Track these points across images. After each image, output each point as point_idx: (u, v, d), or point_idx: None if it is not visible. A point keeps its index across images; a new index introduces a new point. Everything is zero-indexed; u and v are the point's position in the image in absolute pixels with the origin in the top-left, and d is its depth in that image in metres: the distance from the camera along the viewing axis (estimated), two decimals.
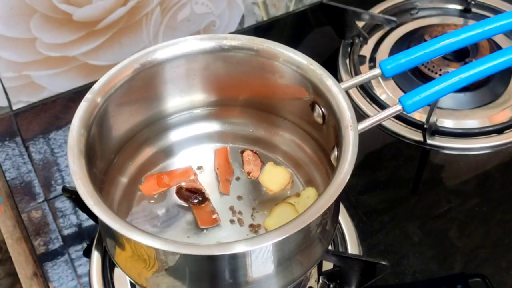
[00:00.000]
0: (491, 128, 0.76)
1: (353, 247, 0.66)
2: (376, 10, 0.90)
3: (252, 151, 0.65)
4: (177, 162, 0.65)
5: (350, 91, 0.80)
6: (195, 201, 0.61)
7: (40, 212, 0.71)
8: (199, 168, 0.65)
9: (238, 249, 0.48)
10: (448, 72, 0.78)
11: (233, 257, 0.50)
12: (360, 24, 0.87)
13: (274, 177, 0.63)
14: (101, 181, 0.59)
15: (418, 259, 0.66)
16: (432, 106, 0.72)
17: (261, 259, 0.51)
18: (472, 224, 0.69)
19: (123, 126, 0.63)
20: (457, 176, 0.74)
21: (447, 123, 0.77)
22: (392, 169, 0.75)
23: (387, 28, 0.89)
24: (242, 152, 0.65)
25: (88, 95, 0.57)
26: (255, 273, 0.52)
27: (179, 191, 0.62)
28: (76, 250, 0.68)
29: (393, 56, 0.60)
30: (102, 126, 0.58)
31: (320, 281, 0.63)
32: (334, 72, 0.84)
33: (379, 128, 0.77)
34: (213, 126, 0.68)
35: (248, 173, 0.64)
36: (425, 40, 0.81)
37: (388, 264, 0.58)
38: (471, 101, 0.79)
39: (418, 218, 0.70)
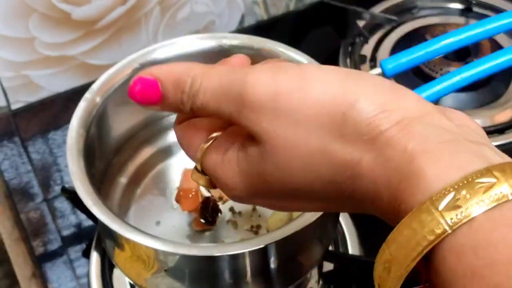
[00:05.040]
0: (492, 128, 0.76)
1: (353, 247, 0.65)
2: (377, 9, 0.89)
3: None
4: (176, 162, 0.65)
5: None
6: (208, 218, 0.59)
7: (39, 213, 0.70)
8: None
9: (237, 249, 0.47)
10: (449, 71, 0.77)
11: (233, 258, 0.50)
12: (361, 23, 0.87)
13: None
14: (100, 181, 0.59)
15: None
16: None
17: (261, 259, 0.51)
18: None
19: (122, 126, 0.63)
20: None
21: None
22: None
23: (388, 28, 0.89)
24: None
25: (87, 95, 0.57)
26: (255, 274, 0.51)
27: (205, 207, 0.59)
28: (75, 251, 0.67)
29: (394, 56, 0.60)
30: (101, 126, 0.58)
31: (321, 281, 0.63)
32: None
33: None
34: None
35: (220, 198, 0.61)
36: (426, 40, 0.80)
37: None
38: (472, 101, 0.79)
39: None
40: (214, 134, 0.34)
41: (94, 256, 0.65)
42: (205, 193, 0.61)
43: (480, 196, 0.26)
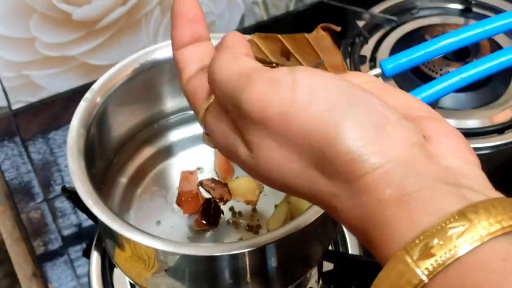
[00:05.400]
0: (492, 128, 0.76)
1: (353, 247, 0.65)
2: (377, 9, 0.89)
3: (207, 179, 0.61)
4: (177, 162, 0.65)
5: None
6: (210, 219, 0.59)
7: (40, 212, 0.70)
8: (199, 168, 0.65)
9: (237, 249, 0.47)
10: (448, 71, 0.77)
11: (233, 258, 0.50)
12: (361, 23, 0.87)
13: (245, 188, 0.61)
14: (101, 181, 0.59)
15: None
16: (433, 106, 0.71)
17: (261, 259, 0.51)
18: None
19: (123, 126, 0.63)
20: None
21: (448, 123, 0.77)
22: None
23: (387, 28, 0.89)
24: (200, 184, 0.60)
25: (88, 95, 0.57)
26: (255, 273, 0.51)
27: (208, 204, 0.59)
28: (75, 251, 0.67)
29: (393, 56, 0.60)
30: (101, 126, 0.58)
31: (321, 281, 0.63)
32: None
33: None
34: None
35: (221, 199, 0.60)
36: (425, 40, 0.80)
37: None
38: (472, 101, 0.79)
39: None
40: (213, 97, 0.35)
41: (95, 256, 0.65)
42: (205, 194, 0.61)
43: (454, 242, 0.26)
